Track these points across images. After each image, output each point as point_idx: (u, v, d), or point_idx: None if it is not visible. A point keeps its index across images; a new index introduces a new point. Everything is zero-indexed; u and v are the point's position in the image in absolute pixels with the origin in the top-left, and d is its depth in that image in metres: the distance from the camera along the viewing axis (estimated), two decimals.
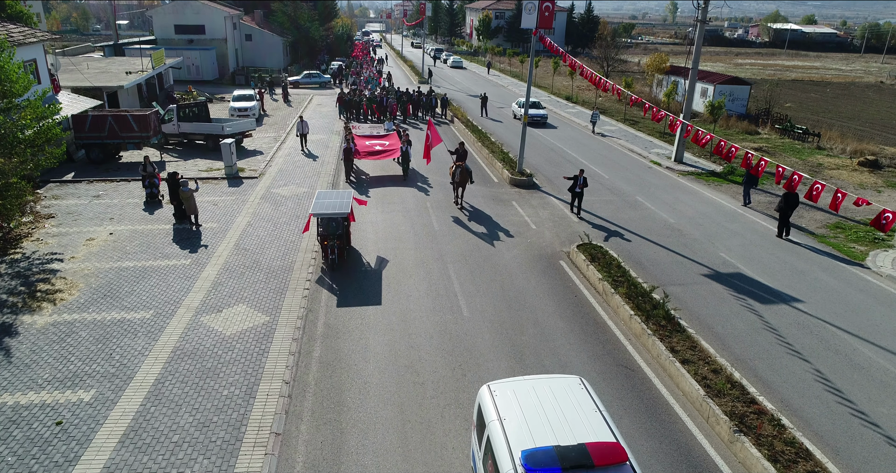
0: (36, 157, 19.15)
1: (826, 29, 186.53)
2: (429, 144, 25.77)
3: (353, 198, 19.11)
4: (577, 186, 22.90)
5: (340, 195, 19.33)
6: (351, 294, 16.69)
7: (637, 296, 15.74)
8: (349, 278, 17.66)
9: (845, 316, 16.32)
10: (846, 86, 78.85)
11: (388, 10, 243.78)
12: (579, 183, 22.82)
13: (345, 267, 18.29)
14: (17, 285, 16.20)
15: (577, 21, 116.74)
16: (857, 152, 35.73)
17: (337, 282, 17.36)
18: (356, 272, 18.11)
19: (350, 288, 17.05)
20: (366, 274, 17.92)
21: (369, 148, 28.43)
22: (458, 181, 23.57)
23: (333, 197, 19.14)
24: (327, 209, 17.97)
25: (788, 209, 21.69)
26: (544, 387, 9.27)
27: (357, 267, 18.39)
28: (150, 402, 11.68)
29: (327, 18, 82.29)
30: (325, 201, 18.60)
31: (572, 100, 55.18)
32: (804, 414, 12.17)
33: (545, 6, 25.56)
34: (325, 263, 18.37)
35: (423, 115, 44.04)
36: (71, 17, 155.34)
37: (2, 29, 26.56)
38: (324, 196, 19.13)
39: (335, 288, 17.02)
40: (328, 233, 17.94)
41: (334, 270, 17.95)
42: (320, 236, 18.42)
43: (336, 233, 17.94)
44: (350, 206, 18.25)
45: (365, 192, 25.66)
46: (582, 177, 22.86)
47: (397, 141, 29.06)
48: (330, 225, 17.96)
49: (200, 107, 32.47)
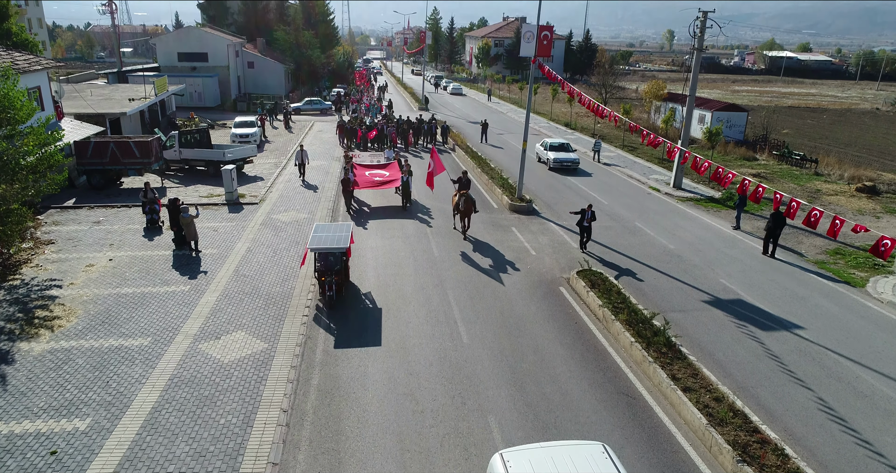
0: (38, 183, 19.25)
1: (821, 56, 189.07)
2: (431, 172, 25.42)
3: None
4: (584, 220, 21.85)
5: (339, 228, 18.54)
6: (349, 335, 15.78)
7: (637, 323, 15.67)
8: (347, 317, 16.79)
9: (847, 343, 16.23)
10: (842, 112, 79.58)
11: (388, 38, 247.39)
12: (587, 217, 21.77)
13: (343, 304, 17.52)
14: (15, 311, 16.14)
15: (576, 49, 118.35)
16: (854, 178, 35.90)
17: (335, 321, 16.55)
18: (355, 309, 17.27)
19: (348, 327, 16.26)
20: (365, 313, 17.04)
21: (369, 178, 27.88)
22: (463, 210, 23.00)
23: (332, 230, 18.35)
24: (325, 243, 17.15)
25: (776, 228, 22.23)
26: (564, 457, 8.46)
27: (356, 304, 17.58)
28: (146, 431, 11.55)
29: (329, 46, 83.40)
30: (323, 235, 17.76)
31: (571, 126, 55.63)
32: (808, 443, 12.02)
33: (543, 35, 25.93)
34: (321, 300, 17.56)
35: (425, 143, 43.84)
36: (76, 45, 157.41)
37: (7, 57, 26.92)
38: (322, 229, 18.41)
39: (333, 327, 16.19)
40: (326, 268, 17.10)
41: (332, 308, 17.09)
42: (317, 272, 17.42)
43: (334, 268, 17.12)
44: (349, 240, 17.53)
45: (364, 224, 24.86)
46: (590, 211, 21.80)
47: (398, 170, 28.39)
48: (328, 260, 17.19)
49: (202, 133, 32.72)
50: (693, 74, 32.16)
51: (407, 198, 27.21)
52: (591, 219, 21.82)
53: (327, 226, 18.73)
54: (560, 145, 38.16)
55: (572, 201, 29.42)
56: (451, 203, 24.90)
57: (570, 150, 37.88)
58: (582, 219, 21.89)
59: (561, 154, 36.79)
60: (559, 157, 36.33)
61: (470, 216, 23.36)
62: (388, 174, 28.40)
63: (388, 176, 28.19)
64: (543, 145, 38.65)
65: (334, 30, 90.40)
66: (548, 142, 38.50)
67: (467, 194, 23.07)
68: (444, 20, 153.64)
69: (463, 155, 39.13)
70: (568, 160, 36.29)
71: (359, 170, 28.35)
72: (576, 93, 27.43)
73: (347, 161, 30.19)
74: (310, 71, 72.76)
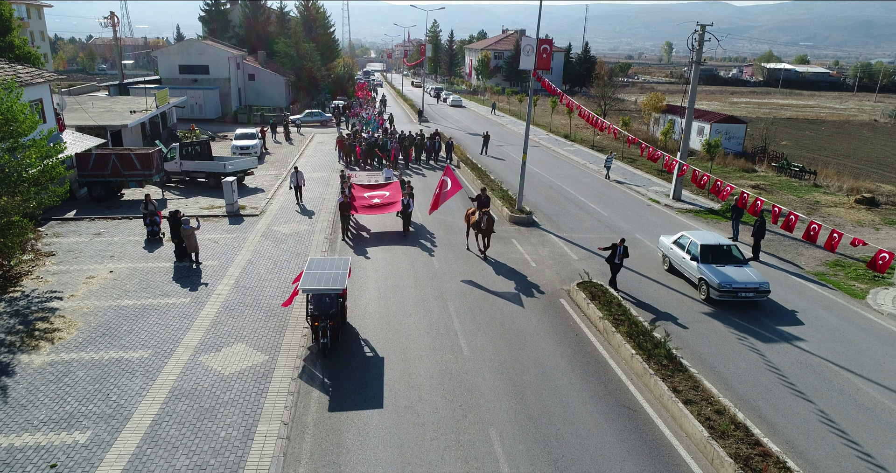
0: (39, 196, 19.31)
1: (819, 68, 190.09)
2: (442, 192, 23.39)
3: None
4: (616, 256, 19.48)
5: (335, 264, 16.53)
6: (346, 395, 13.50)
7: (638, 335, 15.67)
8: (344, 369, 14.63)
9: (848, 356, 16.22)
10: (840, 124, 79.92)
11: (388, 50, 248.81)
12: (619, 253, 19.45)
13: (339, 351, 15.56)
14: (15, 324, 16.14)
15: (575, 61, 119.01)
16: (853, 190, 36.01)
17: (329, 374, 14.44)
18: (353, 359, 15.16)
19: (345, 384, 14.00)
20: (364, 364, 14.84)
21: (367, 201, 25.74)
22: (485, 229, 22.03)
23: (327, 266, 16.35)
24: (320, 283, 15.18)
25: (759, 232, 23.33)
26: None
27: (354, 352, 15.50)
28: (147, 444, 11.52)
29: (329, 58, 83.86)
30: (317, 272, 15.81)
31: (570, 138, 55.86)
32: (810, 456, 11.99)
33: (543, 48, 26.13)
34: (314, 347, 15.61)
35: (427, 160, 42.00)
36: (77, 57, 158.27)
37: (10, 70, 27.10)
38: (316, 265, 16.42)
39: (328, 383, 14.06)
40: (320, 312, 15.02)
41: (326, 356, 15.23)
42: (310, 316, 15.37)
43: (329, 311, 15.03)
44: (346, 279, 15.59)
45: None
46: (622, 246, 19.39)
47: (398, 192, 26.19)
48: (322, 302, 15.18)
49: (203, 145, 32.86)
50: (692, 87, 32.36)
51: (408, 223, 25.44)
52: (623, 254, 19.45)
53: (322, 262, 16.70)
54: (719, 249, 20.16)
55: (572, 213, 29.52)
56: (465, 220, 23.95)
57: (739, 260, 20.02)
58: (613, 256, 19.56)
59: (730, 272, 19.12)
60: (731, 281, 18.70)
61: (489, 235, 22.47)
62: (389, 195, 26.26)
63: (389, 196, 26.11)
64: (684, 245, 21.03)
65: (335, 42, 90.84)
66: (691, 239, 20.75)
67: (489, 212, 22.08)
68: (443, 33, 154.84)
69: (466, 170, 38.70)
70: (749, 285, 18.74)
71: (357, 192, 26.43)
72: (575, 106, 27.57)
73: (344, 180, 28.55)
74: (310, 82, 73.08)
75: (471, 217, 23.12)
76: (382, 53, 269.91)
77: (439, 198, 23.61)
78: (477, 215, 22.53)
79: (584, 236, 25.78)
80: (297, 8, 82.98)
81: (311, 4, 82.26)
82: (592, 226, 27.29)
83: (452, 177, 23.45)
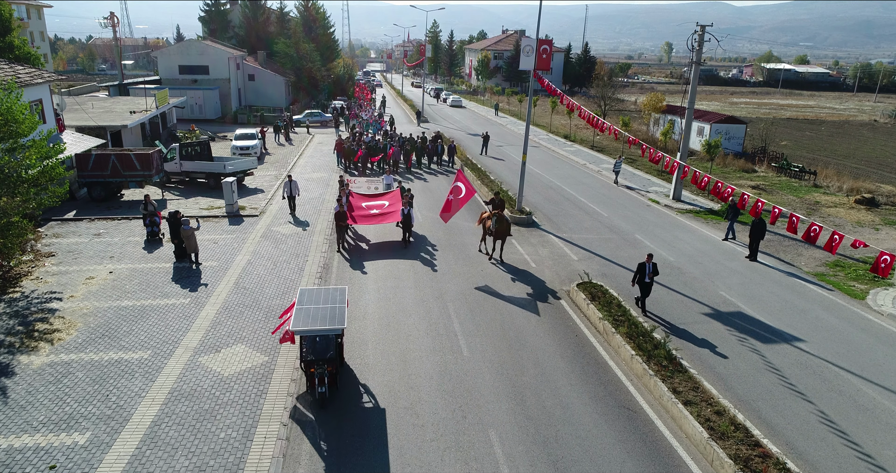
0: (39, 196, 19.31)
1: (819, 69, 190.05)
2: (456, 198, 22.37)
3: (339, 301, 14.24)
4: (645, 276, 17.94)
5: (331, 296, 14.42)
6: (343, 456, 11.56)
7: (638, 336, 15.66)
8: (342, 426, 12.49)
9: (848, 356, 16.22)
10: (840, 124, 79.91)
11: (388, 51, 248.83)
12: (648, 271, 17.97)
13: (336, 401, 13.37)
14: (15, 324, 16.13)
15: (574, 61, 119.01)
16: (853, 190, 36.02)
17: (326, 430, 12.39)
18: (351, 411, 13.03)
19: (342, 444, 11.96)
20: (365, 419, 12.72)
21: (366, 211, 24.57)
22: (496, 232, 21.56)
23: (321, 298, 14.27)
24: (315, 321, 13.18)
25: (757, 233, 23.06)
26: None
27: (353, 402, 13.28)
28: (146, 445, 11.51)
29: (329, 58, 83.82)
30: (311, 308, 13.76)
31: (570, 138, 55.85)
32: (809, 457, 11.99)
33: (543, 48, 26.12)
34: (305, 393, 13.57)
35: (429, 164, 40.69)
36: (77, 57, 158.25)
37: (10, 70, 27.09)
38: (307, 297, 14.33)
39: (323, 447, 11.86)
40: (316, 356, 12.94)
41: (324, 407, 13.01)
42: (304, 363, 13.12)
43: (326, 355, 12.95)
44: (345, 315, 13.61)
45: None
46: (650, 263, 17.91)
47: (398, 200, 24.79)
48: (317, 345, 13.04)
49: (203, 145, 32.84)
50: (692, 87, 32.36)
51: (408, 233, 24.05)
52: (652, 273, 17.92)
53: (315, 294, 14.64)
54: None
55: (572, 214, 29.51)
56: (478, 224, 23.53)
57: None
58: (641, 276, 18.03)
59: None
60: None
61: (504, 239, 22.18)
62: (388, 204, 24.94)
63: (388, 206, 24.80)
64: None
65: (334, 42, 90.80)
66: None
67: (501, 215, 21.71)
68: (443, 33, 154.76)
69: (466, 171, 38.15)
70: None
71: (355, 200, 25.23)
72: (575, 106, 27.58)
73: (342, 187, 27.00)
74: (310, 83, 73.03)
75: (486, 221, 22.52)
76: (382, 54, 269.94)
77: (451, 204, 22.65)
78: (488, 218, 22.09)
79: (584, 237, 25.78)
80: (297, 8, 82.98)
81: (311, 5, 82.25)
82: (592, 227, 27.29)
83: (466, 183, 22.62)
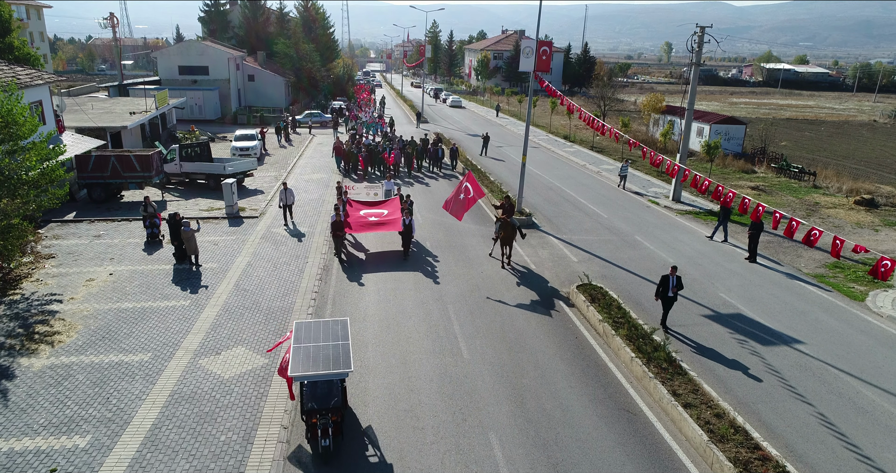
0: (39, 198, 19.30)
1: (818, 69, 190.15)
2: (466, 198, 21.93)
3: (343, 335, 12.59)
4: (668, 290, 17.13)
5: (331, 330, 12.62)
6: None
7: (638, 338, 15.68)
8: None
9: (847, 358, 16.23)
10: (840, 124, 79.95)
11: (388, 51, 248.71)
12: (672, 284, 17.14)
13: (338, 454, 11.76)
14: (15, 327, 16.13)
15: (574, 61, 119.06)
16: (852, 191, 36.04)
17: None
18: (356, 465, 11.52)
19: None
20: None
21: (364, 219, 23.57)
22: (503, 237, 21.33)
23: (321, 334, 12.44)
24: (317, 364, 11.38)
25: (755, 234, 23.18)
26: None
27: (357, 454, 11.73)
28: (147, 448, 11.52)
29: (329, 58, 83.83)
30: (311, 347, 11.93)
31: (570, 139, 55.86)
32: (809, 460, 12.00)
33: (542, 50, 26.13)
34: (308, 445, 11.85)
35: (430, 167, 39.90)
36: (77, 58, 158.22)
37: (10, 71, 27.09)
38: (305, 333, 12.50)
39: None
40: (319, 404, 11.42)
41: (327, 462, 11.45)
42: (305, 413, 11.51)
43: (331, 403, 11.44)
44: (350, 354, 11.82)
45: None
46: (674, 276, 17.09)
47: (398, 209, 23.85)
48: (318, 390, 11.52)
49: (203, 146, 32.83)
50: (691, 89, 32.39)
51: (408, 245, 22.89)
52: (676, 286, 17.14)
53: (313, 328, 12.76)
54: None
55: (572, 215, 29.53)
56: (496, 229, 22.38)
57: None
58: (665, 289, 17.20)
59: None
60: None
61: (511, 244, 21.84)
62: (387, 213, 24.02)
63: (387, 215, 23.83)
64: None
65: (334, 42, 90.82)
66: None
67: (505, 220, 21.33)
68: (443, 33, 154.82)
69: None
70: None
71: (353, 209, 24.27)
72: (575, 108, 27.59)
73: (340, 195, 25.93)
74: (310, 83, 73.03)
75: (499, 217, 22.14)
76: (382, 54, 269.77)
77: (452, 203, 22.56)
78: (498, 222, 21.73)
79: (584, 238, 25.80)
80: (297, 8, 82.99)
81: (311, 5, 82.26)
82: (592, 228, 27.30)
83: (474, 184, 22.15)
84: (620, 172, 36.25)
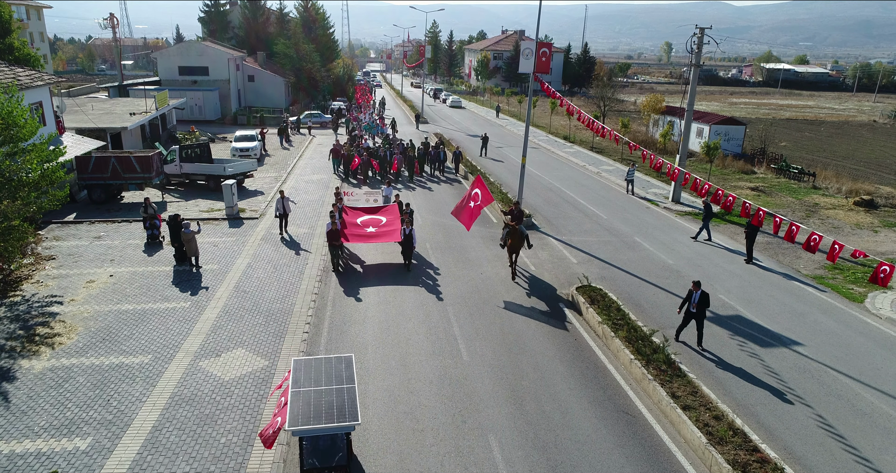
0: (39, 200, 19.33)
1: (818, 69, 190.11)
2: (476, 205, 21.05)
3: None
4: (691, 305, 16.21)
5: (334, 370, 11.21)
6: None
7: (637, 340, 15.71)
8: None
9: (846, 360, 16.27)
10: (840, 125, 79.97)
11: (388, 51, 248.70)
12: (694, 300, 16.17)
13: None
14: (15, 328, 16.17)
15: (574, 61, 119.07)
16: (852, 192, 36.06)
17: None
18: None
19: None
20: None
21: (361, 228, 22.50)
22: (510, 245, 20.63)
23: (322, 376, 11.00)
24: (319, 415, 9.98)
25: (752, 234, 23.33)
26: None
27: None
28: (147, 450, 11.56)
29: (329, 59, 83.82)
30: (311, 391, 10.53)
31: (570, 139, 55.89)
32: (808, 462, 12.04)
33: (542, 51, 26.15)
34: None
35: (431, 171, 39.08)
36: (77, 58, 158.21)
37: (10, 73, 27.12)
38: (305, 373, 11.09)
39: None
40: (322, 463, 10.18)
41: None
42: (304, 472, 10.20)
43: (334, 460, 10.23)
44: (357, 401, 10.37)
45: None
46: (698, 292, 16.01)
47: (397, 217, 22.93)
48: (320, 445, 10.23)
49: (203, 147, 32.86)
50: (691, 89, 32.42)
51: (409, 257, 21.85)
52: (699, 302, 16.10)
53: (314, 366, 11.39)
54: None
55: (571, 216, 29.56)
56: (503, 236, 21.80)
57: None
58: (688, 304, 16.35)
59: None
60: None
61: (518, 253, 21.02)
62: (386, 221, 22.95)
63: (385, 223, 22.79)
64: None
65: (334, 43, 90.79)
66: None
67: (514, 227, 20.50)
68: (443, 33, 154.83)
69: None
70: None
71: (349, 217, 23.03)
72: (575, 110, 27.62)
73: (337, 201, 24.36)
74: (310, 83, 73.06)
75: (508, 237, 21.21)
76: (382, 54, 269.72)
77: (460, 211, 21.84)
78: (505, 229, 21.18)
79: (584, 239, 25.84)
80: (297, 8, 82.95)
81: (311, 5, 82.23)
82: (591, 229, 27.33)
83: (484, 190, 21.00)
84: (627, 177, 35.13)
